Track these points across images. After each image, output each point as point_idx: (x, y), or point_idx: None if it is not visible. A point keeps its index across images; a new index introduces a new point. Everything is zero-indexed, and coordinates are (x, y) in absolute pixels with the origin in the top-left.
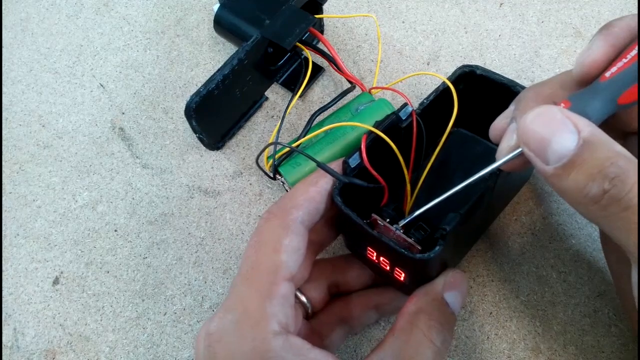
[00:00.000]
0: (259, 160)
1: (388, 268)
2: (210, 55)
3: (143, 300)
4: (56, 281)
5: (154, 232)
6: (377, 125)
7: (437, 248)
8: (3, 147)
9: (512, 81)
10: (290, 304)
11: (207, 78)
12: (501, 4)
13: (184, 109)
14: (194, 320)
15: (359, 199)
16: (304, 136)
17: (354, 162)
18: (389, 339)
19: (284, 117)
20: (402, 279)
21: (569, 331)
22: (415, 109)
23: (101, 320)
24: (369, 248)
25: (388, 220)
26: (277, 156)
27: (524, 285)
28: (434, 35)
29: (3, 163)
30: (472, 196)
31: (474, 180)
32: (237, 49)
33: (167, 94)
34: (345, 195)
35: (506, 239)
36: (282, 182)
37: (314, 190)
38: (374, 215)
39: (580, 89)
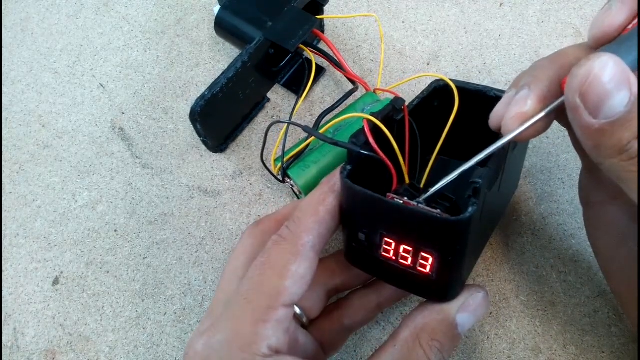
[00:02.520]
0: (264, 160)
1: (409, 262)
2: (210, 55)
3: (143, 300)
4: (56, 281)
5: (154, 232)
6: (373, 115)
7: (470, 209)
8: (3, 147)
9: (486, 87)
10: (285, 328)
11: (207, 78)
12: (501, 4)
13: (186, 111)
14: (194, 320)
15: (367, 187)
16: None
17: (360, 141)
18: (389, 348)
19: (290, 119)
20: (427, 269)
21: (569, 331)
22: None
23: (101, 320)
24: (385, 239)
25: (406, 198)
26: (285, 159)
27: (524, 285)
28: (434, 35)
29: (3, 163)
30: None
31: (494, 150)
32: (237, 50)
33: (167, 94)
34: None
35: (506, 239)
36: (291, 185)
37: (323, 211)
38: (391, 194)
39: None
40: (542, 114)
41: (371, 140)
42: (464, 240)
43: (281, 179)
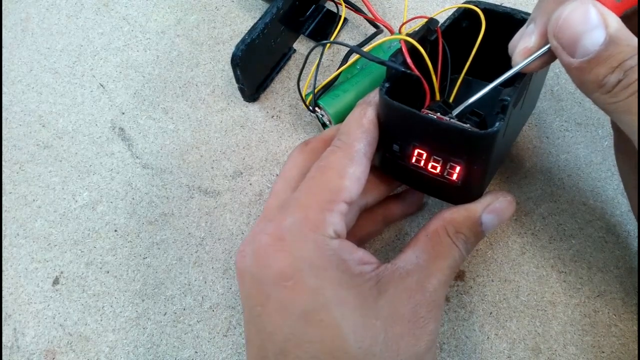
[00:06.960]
0: (300, 85)
1: (438, 170)
2: (210, 55)
3: (143, 300)
4: (56, 281)
5: (154, 232)
6: (410, 36)
7: (497, 124)
8: (3, 147)
9: (514, 9)
10: (344, 220)
11: (207, 78)
12: (501, 4)
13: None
14: (194, 320)
15: (402, 103)
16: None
17: (398, 60)
18: (422, 238)
19: (320, 59)
20: (455, 177)
21: (569, 331)
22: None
23: (101, 320)
24: (417, 150)
25: (439, 113)
26: (316, 90)
27: (524, 285)
28: None
29: (3, 163)
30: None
31: (507, 77)
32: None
33: (167, 94)
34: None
35: (506, 239)
36: (321, 115)
37: (366, 122)
38: (425, 109)
39: None
40: (542, 51)
41: (408, 59)
42: (490, 152)
43: (312, 109)
